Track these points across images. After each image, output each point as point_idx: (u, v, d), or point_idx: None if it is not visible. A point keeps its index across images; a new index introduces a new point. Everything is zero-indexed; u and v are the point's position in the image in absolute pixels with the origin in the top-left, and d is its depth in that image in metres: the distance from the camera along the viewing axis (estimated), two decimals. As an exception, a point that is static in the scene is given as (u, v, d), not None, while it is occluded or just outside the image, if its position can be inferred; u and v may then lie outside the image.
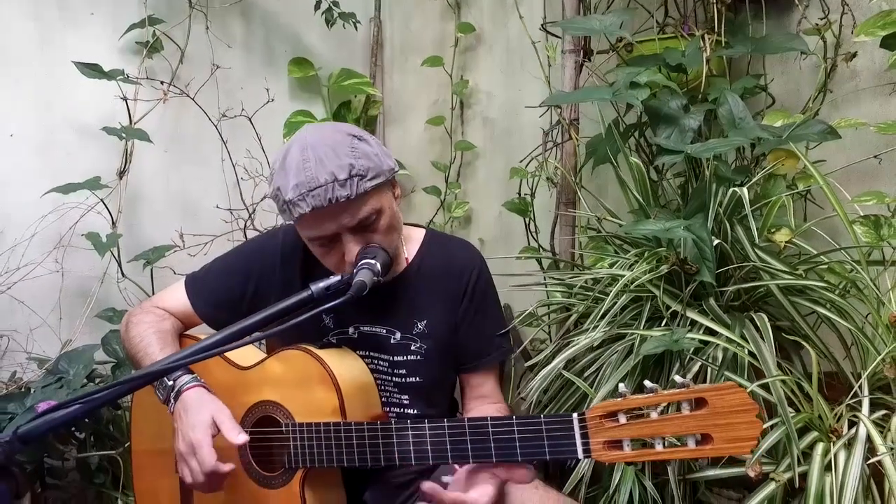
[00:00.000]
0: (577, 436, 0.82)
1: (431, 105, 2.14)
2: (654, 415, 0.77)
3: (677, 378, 0.78)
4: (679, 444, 0.77)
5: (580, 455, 0.82)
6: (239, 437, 0.93)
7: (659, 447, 0.77)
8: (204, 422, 0.93)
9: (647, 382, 0.79)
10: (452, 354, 1.13)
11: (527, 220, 1.58)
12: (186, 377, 0.99)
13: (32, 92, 1.55)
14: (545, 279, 1.36)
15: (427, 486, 0.86)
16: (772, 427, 1.04)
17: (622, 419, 0.79)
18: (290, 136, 1.99)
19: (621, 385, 0.81)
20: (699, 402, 0.76)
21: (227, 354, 1.07)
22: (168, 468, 1.06)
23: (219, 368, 1.07)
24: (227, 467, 0.93)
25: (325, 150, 0.94)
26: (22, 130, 1.54)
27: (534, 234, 1.58)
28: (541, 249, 1.54)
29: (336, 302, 0.73)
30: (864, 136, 1.34)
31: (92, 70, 1.41)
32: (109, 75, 1.43)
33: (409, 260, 1.11)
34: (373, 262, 0.85)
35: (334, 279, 0.81)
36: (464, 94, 2.03)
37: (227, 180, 1.79)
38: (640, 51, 1.34)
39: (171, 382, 0.98)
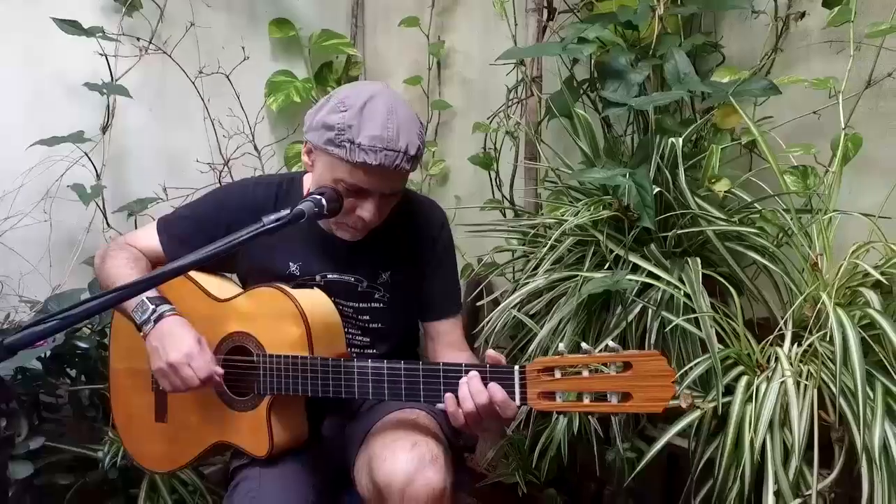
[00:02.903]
0: (517, 386, 0.92)
1: (411, 65, 2.18)
2: (585, 373, 0.87)
3: (609, 342, 0.88)
4: (604, 399, 0.87)
5: (517, 402, 0.92)
6: (218, 369, 1.04)
7: (586, 401, 0.88)
8: (193, 338, 1.03)
9: (583, 344, 0.89)
10: (414, 305, 1.21)
11: (491, 173, 1.64)
12: (168, 306, 1.07)
13: (19, 48, 1.60)
14: (504, 228, 1.43)
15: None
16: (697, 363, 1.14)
17: (557, 374, 0.89)
18: (271, 94, 2.06)
19: (561, 344, 0.90)
20: (626, 365, 0.86)
21: (205, 287, 1.16)
22: (144, 386, 1.15)
23: (198, 299, 1.15)
24: (221, 370, 1.04)
25: (406, 121, 1.01)
26: (8, 86, 1.59)
27: (499, 187, 1.65)
28: (504, 201, 1.62)
29: (275, 224, 0.81)
30: (812, 92, 1.39)
31: (71, 26, 1.46)
32: (88, 32, 1.48)
33: None
34: (319, 197, 0.93)
35: (284, 212, 0.88)
36: (440, 54, 2.07)
37: (210, 136, 1.86)
38: (599, 9, 1.39)
39: (153, 306, 1.06)
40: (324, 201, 0.90)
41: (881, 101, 1.32)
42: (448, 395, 0.95)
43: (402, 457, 0.95)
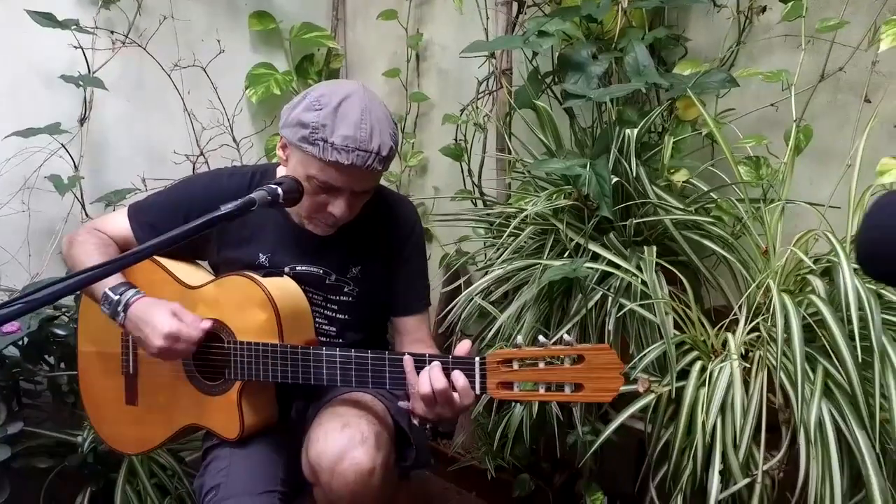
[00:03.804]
0: (477, 375, 0.96)
1: (391, 57, 2.21)
2: (541, 364, 0.92)
3: (565, 336, 0.92)
4: (558, 389, 0.92)
5: (477, 391, 0.96)
6: (203, 323, 1.06)
7: (542, 390, 0.93)
8: (167, 314, 1.04)
9: (540, 337, 0.93)
10: (382, 300, 1.23)
11: (462, 164, 1.68)
12: (131, 291, 1.08)
13: (-3, 40, 1.62)
14: (471, 217, 1.47)
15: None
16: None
17: (515, 366, 0.94)
18: (251, 87, 2.08)
19: (519, 337, 0.95)
20: (578, 358, 0.91)
21: (176, 274, 1.19)
22: (113, 370, 1.18)
23: (169, 287, 1.18)
24: (207, 324, 1.08)
25: (379, 121, 1.04)
26: (-14, 77, 1.62)
27: (471, 178, 1.69)
28: (475, 191, 1.65)
29: (227, 212, 0.84)
30: (774, 85, 1.43)
31: (45, 19, 1.48)
32: (63, 25, 1.50)
33: None
34: (274, 187, 0.96)
35: (241, 200, 0.91)
36: (419, 46, 2.09)
37: (189, 128, 1.88)
38: (566, 3, 1.42)
39: (116, 297, 1.07)
40: (279, 191, 0.93)
41: (839, 94, 1.35)
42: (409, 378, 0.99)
43: (332, 437, 0.99)
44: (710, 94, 1.38)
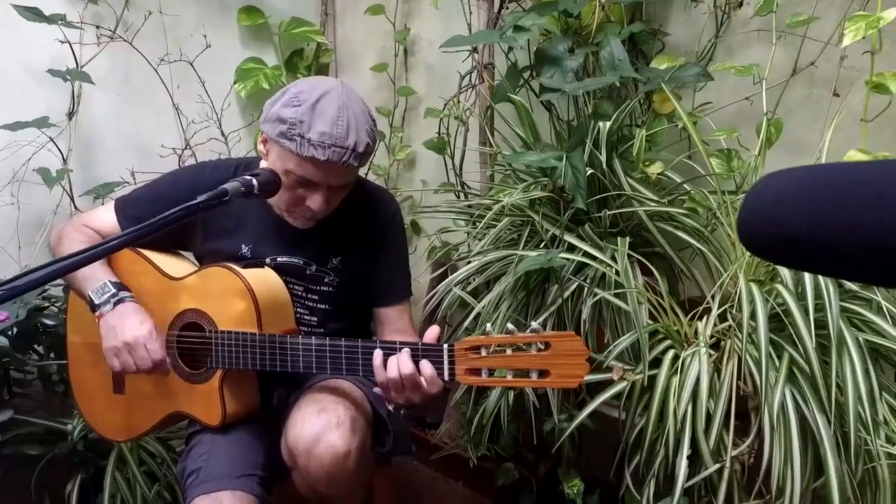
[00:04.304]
0: (446, 362, 0.98)
1: (379, 52, 2.23)
2: (508, 351, 0.95)
3: (534, 324, 0.94)
4: (525, 375, 0.94)
5: (446, 377, 0.99)
6: (162, 362, 1.10)
7: (509, 377, 0.95)
8: (150, 324, 1.09)
9: (508, 325, 0.95)
10: (363, 290, 1.26)
11: (446, 157, 1.70)
12: (128, 293, 1.14)
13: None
14: (452, 209, 1.49)
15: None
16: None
17: (483, 353, 0.96)
18: (240, 81, 2.10)
19: (488, 325, 0.97)
20: (545, 345, 0.93)
21: (159, 265, 1.22)
22: (100, 360, 1.21)
23: (152, 277, 1.21)
24: (160, 355, 1.10)
25: (356, 118, 1.06)
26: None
27: (454, 170, 1.71)
28: (458, 183, 1.67)
29: (198, 201, 0.86)
30: (751, 79, 1.44)
31: (32, 13, 1.50)
32: (49, 19, 1.52)
33: None
34: (249, 178, 0.98)
35: (214, 191, 0.93)
36: (406, 41, 2.11)
37: (179, 123, 1.91)
38: (546, -2, 1.44)
39: (115, 290, 1.12)
40: (254, 182, 0.95)
41: (814, 89, 1.37)
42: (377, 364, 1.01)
43: (309, 421, 1.02)
44: (689, 87, 1.41)
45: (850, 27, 1.01)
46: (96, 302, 1.12)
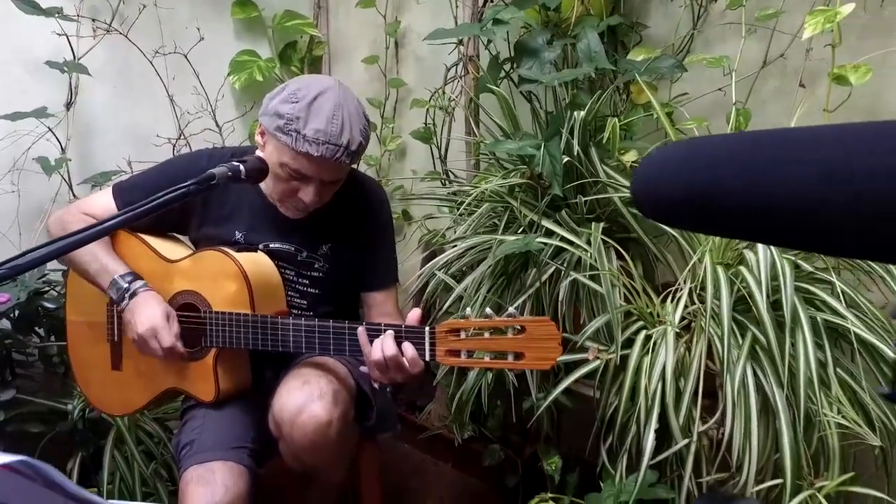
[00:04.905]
0: (427, 344, 1.04)
1: (371, 44, 2.27)
2: (486, 334, 1.00)
3: (510, 309, 1.00)
4: (502, 357, 1.00)
5: (427, 357, 1.04)
6: (178, 344, 1.16)
7: (486, 358, 1.00)
8: (161, 313, 1.15)
9: (487, 309, 1.01)
10: (351, 276, 1.31)
11: (432, 147, 1.75)
12: (140, 282, 1.19)
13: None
14: (435, 196, 1.55)
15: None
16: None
17: (462, 335, 1.01)
18: (234, 73, 2.15)
19: (468, 309, 1.02)
20: (521, 329, 0.99)
21: (157, 248, 1.27)
22: (100, 338, 1.27)
23: (150, 260, 1.26)
24: (182, 349, 1.17)
25: (351, 117, 1.12)
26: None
27: (440, 159, 1.76)
28: (443, 172, 1.73)
29: (188, 184, 0.92)
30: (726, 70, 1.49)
31: (30, 6, 1.55)
32: (47, 12, 1.57)
33: None
34: (237, 164, 1.03)
35: (202, 175, 0.98)
36: (397, 34, 2.15)
37: (174, 113, 1.96)
38: (528, -8, 1.48)
39: (126, 284, 1.18)
40: (241, 168, 1.00)
41: (785, 80, 1.42)
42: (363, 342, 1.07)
43: (294, 393, 1.08)
44: (666, 78, 1.45)
45: (809, 21, 1.05)
46: (115, 299, 1.19)
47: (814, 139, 0.26)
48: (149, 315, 1.15)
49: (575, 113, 1.23)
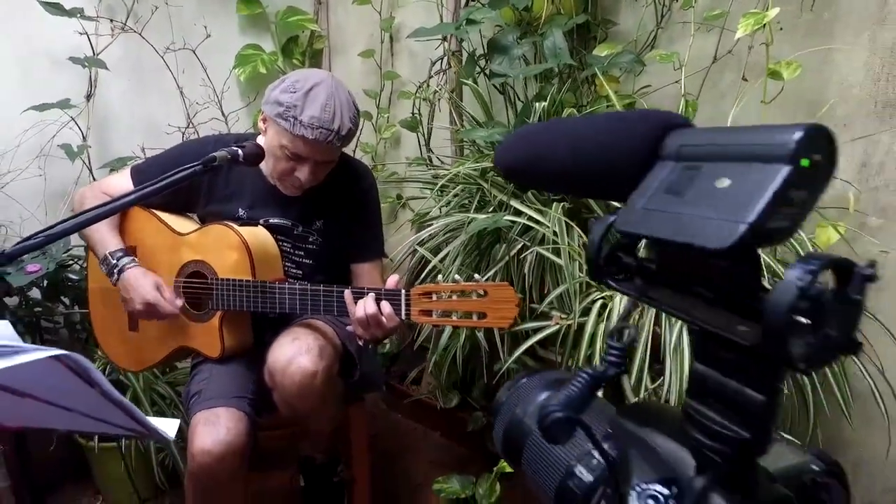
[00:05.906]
0: (403, 304, 1.20)
1: (368, 39, 2.41)
2: (454, 297, 1.16)
3: (476, 276, 1.15)
4: (468, 317, 1.16)
5: (402, 316, 1.20)
6: (177, 301, 1.32)
7: (454, 318, 1.17)
8: (151, 286, 1.31)
9: (455, 276, 1.16)
10: (342, 249, 1.47)
11: (418, 135, 1.90)
12: (127, 258, 1.36)
13: (10, 28, 1.84)
14: (417, 179, 1.70)
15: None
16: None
17: (434, 297, 1.17)
18: (240, 66, 2.31)
19: (440, 276, 1.17)
20: (484, 292, 1.15)
21: (168, 223, 1.44)
22: (117, 303, 1.44)
23: (162, 233, 1.43)
24: (180, 302, 1.34)
25: (342, 106, 1.27)
26: (4, 60, 1.86)
27: (425, 146, 1.91)
28: (427, 158, 1.88)
29: (193, 165, 1.08)
30: (687, 64, 1.62)
31: (54, 8, 1.71)
32: (70, 13, 1.74)
33: None
34: (236, 148, 1.19)
35: (204, 157, 1.14)
36: (391, 29, 2.30)
37: (183, 104, 2.12)
38: (505, -8, 1.62)
39: (114, 261, 1.35)
40: (240, 152, 1.16)
41: (734, 74, 1.55)
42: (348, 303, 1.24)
43: (284, 348, 1.24)
44: (630, 72, 1.59)
45: (742, 22, 1.19)
46: (105, 273, 1.36)
47: (572, 126, 0.41)
48: (140, 292, 1.31)
49: (537, 104, 1.37)
